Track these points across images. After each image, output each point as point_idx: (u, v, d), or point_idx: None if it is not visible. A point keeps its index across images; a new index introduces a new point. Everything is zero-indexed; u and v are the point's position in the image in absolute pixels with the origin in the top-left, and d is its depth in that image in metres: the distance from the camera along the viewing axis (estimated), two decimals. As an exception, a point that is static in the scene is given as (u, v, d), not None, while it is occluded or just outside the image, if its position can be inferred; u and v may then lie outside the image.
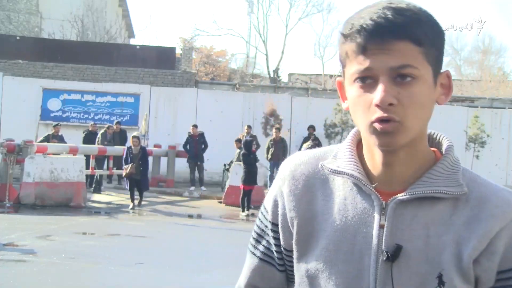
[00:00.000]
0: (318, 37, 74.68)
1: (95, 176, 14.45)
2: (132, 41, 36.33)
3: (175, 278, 6.57)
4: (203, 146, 15.85)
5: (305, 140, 15.74)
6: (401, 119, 1.02)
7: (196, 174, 15.86)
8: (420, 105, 1.04)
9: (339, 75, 1.19)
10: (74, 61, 19.01)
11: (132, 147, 12.33)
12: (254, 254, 1.25)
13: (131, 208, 12.05)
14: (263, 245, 1.23)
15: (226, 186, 13.84)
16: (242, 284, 1.27)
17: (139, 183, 12.20)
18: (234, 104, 18.33)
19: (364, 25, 1.03)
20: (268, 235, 1.22)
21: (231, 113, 18.01)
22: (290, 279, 1.23)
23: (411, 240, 1.06)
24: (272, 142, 15.54)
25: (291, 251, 1.18)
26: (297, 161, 1.20)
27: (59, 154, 13.11)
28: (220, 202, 13.73)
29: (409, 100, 1.02)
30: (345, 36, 1.07)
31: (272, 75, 29.59)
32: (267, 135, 17.42)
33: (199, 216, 11.54)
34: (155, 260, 7.29)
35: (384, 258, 1.06)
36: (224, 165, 14.71)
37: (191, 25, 71.48)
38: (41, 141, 13.69)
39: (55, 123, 15.56)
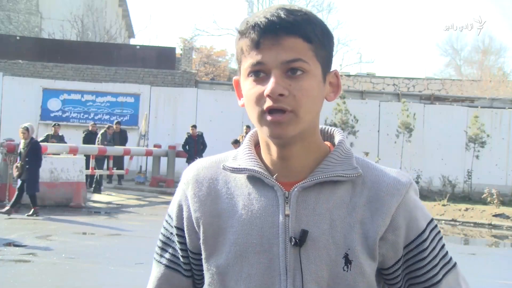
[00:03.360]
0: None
1: (95, 176, 14.45)
2: (132, 41, 36.37)
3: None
4: (202, 147, 15.85)
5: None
6: (293, 109, 1.08)
7: (196, 174, 15.83)
8: (311, 98, 1.10)
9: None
10: (74, 61, 19.02)
11: (21, 141, 10.43)
12: (160, 263, 1.27)
13: (5, 212, 10.14)
14: (169, 253, 1.26)
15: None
16: None
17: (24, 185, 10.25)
18: (234, 104, 18.29)
19: (258, 22, 1.09)
20: (173, 241, 1.25)
21: (231, 113, 18.02)
22: (196, 285, 1.27)
23: (316, 224, 1.11)
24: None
25: (198, 254, 1.21)
26: (199, 166, 1.25)
27: (59, 154, 13.10)
28: (220, 202, 13.71)
29: (300, 92, 1.08)
30: (241, 33, 1.13)
31: (272, 75, 29.57)
32: (267, 135, 17.42)
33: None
34: (155, 260, 7.28)
35: (292, 244, 1.10)
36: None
37: (191, 25, 71.43)
38: (41, 141, 13.68)
39: (54, 123, 15.55)
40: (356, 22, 66.47)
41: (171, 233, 1.25)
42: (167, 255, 1.26)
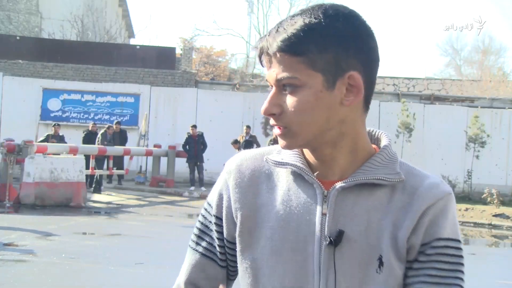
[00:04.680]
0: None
1: (95, 176, 14.45)
2: (132, 41, 36.37)
3: (175, 278, 6.55)
4: (202, 147, 15.85)
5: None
6: (286, 125, 1.11)
7: (196, 174, 15.86)
8: (304, 112, 1.10)
9: None
10: (74, 61, 19.02)
11: None
12: (196, 250, 1.26)
13: None
14: (206, 241, 1.25)
15: (226, 186, 13.82)
16: (182, 282, 1.29)
17: None
18: (234, 104, 18.33)
19: (257, 42, 1.14)
20: (211, 230, 1.25)
21: (231, 113, 18.02)
22: (230, 276, 1.27)
23: (352, 225, 1.11)
24: (272, 142, 15.52)
25: (234, 243, 1.21)
26: (243, 156, 1.25)
27: (59, 154, 13.11)
28: (220, 202, 13.71)
29: (291, 108, 1.10)
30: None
31: (272, 75, 29.56)
32: (267, 135, 17.43)
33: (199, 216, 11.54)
34: (155, 260, 7.28)
35: (327, 243, 1.10)
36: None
37: (191, 25, 71.44)
38: (41, 141, 13.69)
39: (54, 123, 15.55)
40: (356, 22, 66.36)
41: (210, 222, 1.25)
42: (203, 243, 1.26)
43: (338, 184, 1.13)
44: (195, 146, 15.78)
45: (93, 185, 14.38)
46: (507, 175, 18.32)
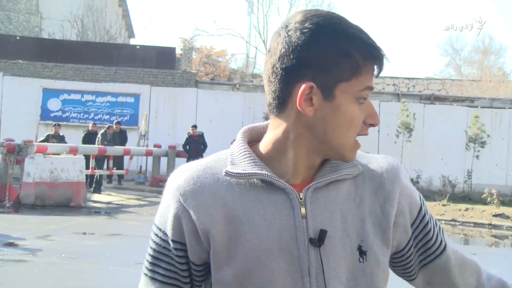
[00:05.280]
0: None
1: (95, 176, 14.45)
2: (132, 41, 36.38)
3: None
4: (202, 147, 15.85)
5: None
6: None
7: (196, 174, 15.84)
8: None
9: None
10: (74, 61, 19.02)
11: None
12: (155, 279, 1.19)
13: None
14: (163, 267, 1.18)
15: (226, 186, 13.83)
16: None
17: None
18: (234, 104, 18.34)
19: (381, 52, 1.16)
20: (169, 256, 1.18)
21: (231, 113, 18.02)
22: None
23: (330, 222, 1.13)
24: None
25: (201, 265, 1.16)
26: (189, 175, 1.18)
27: (59, 154, 13.11)
28: (220, 202, 13.73)
29: None
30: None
31: (272, 75, 29.53)
32: (267, 135, 17.42)
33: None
34: (155, 260, 7.28)
35: (313, 245, 1.11)
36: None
37: (191, 25, 71.45)
38: (41, 141, 13.69)
39: (55, 123, 15.56)
40: (356, 22, 66.43)
41: (165, 248, 1.18)
42: (161, 270, 1.18)
43: (312, 185, 1.14)
44: (195, 146, 15.79)
45: (93, 185, 14.38)
46: (507, 175, 18.32)
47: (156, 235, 1.19)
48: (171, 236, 1.17)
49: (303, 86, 1.08)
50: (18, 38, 21.28)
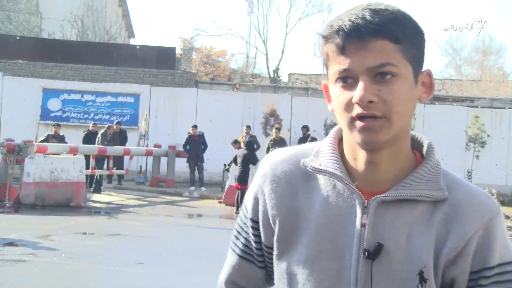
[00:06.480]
0: (318, 37, 74.66)
1: (95, 176, 14.45)
2: (132, 41, 36.36)
3: (175, 278, 6.57)
4: (202, 147, 15.85)
5: (301, 140, 15.71)
6: (385, 115, 1.04)
7: (196, 174, 15.86)
8: (403, 101, 1.06)
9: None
10: (74, 61, 19.01)
11: None
12: (234, 251, 1.26)
13: None
14: (242, 243, 1.24)
15: (226, 186, 13.83)
16: (223, 281, 1.29)
17: None
18: (234, 104, 18.33)
19: (342, 26, 1.05)
20: (247, 232, 1.23)
21: (231, 113, 18.01)
22: (270, 276, 1.24)
23: (393, 238, 1.08)
24: (272, 142, 15.53)
25: (272, 248, 1.19)
26: (277, 158, 1.20)
27: (59, 154, 13.10)
28: (220, 202, 13.73)
29: (391, 96, 1.04)
30: (325, 38, 1.10)
31: (272, 75, 29.61)
32: (267, 135, 17.42)
33: (199, 216, 11.54)
34: (155, 260, 7.28)
35: (365, 256, 1.08)
36: (224, 165, 14.70)
37: (191, 25, 71.47)
38: (41, 141, 13.68)
39: (55, 123, 15.55)
40: (356, 22, 66.45)
41: (245, 224, 1.23)
42: (241, 245, 1.25)
43: (380, 196, 1.09)
44: (195, 146, 15.78)
45: (93, 185, 14.37)
46: (507, 175, 18.32)
47: (242, 211, 1.26)
48: (249, 215, 1.22)
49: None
50: (18, 38, 21.27)
